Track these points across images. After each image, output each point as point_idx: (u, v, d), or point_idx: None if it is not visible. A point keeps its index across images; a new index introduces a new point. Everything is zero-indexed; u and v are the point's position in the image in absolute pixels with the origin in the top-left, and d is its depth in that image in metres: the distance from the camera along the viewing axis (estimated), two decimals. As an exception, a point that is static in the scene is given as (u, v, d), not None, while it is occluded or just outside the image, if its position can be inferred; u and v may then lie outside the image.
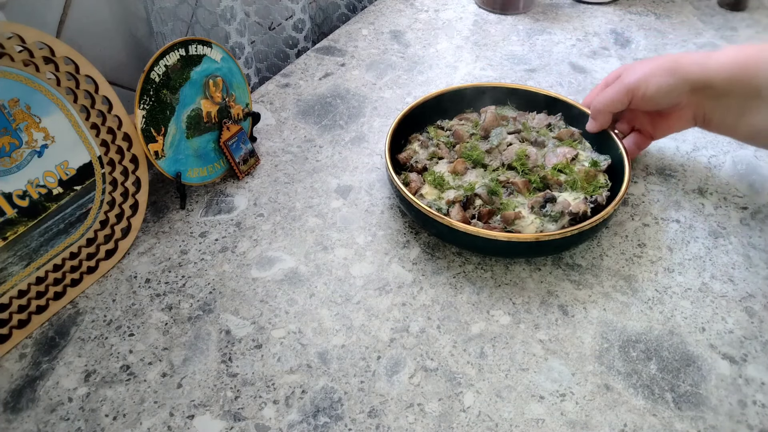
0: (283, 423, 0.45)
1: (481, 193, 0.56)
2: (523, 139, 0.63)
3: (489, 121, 0.64)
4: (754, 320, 0.51)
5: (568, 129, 0.64)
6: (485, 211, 0.55)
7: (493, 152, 0.61)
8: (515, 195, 0.58)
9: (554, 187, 0.58)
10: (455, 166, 0.60)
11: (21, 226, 0.51)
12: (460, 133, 0.64)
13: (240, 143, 0.66)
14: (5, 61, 0.48)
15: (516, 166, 0.60)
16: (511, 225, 0.55)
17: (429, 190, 0.59)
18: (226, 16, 0.73)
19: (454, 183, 0.59)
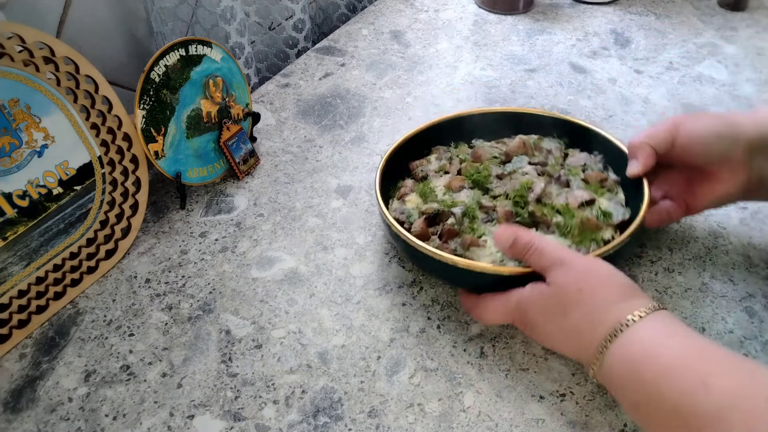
0: (283, 423, 0.45)
1: (455, 212, 0.52)
2: (544, 173, 0.56)
3: (514, 147, 0.59)
4: (754, 320, 0.51)
5: (600, 173, 0.57)
6: (447, 230, 0.51)
7: (504, 179, 0.56)
8: (494, 224, 0.52)
9: (541, 227, 0.52)
10: (451, 181, 0.57)
11: (21, 226, 0.51)
12: (480, 153, 0.60)
13: (240, 143, 0.66)
14: (5, 61, 0.48)
15: (513, 197, 0.54)
16: (465, 250, 0.50)
17: (412, 198, 0.56)
18: (226, 16, 0.73)
19: (441, 198, 0.55)
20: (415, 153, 0.62)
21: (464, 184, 0.57)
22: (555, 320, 0.43)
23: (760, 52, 0.85)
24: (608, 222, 0.52)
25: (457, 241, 0.51)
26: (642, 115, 0.74)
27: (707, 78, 0.80)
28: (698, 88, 0.78)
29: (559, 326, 0.43)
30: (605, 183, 0.56)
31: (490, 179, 0.57)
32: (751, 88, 0.78)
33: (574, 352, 0.44)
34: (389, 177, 0.58)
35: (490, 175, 0.57)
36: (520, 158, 0.58)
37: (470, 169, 0.58)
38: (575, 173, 0.57)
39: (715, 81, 0.80)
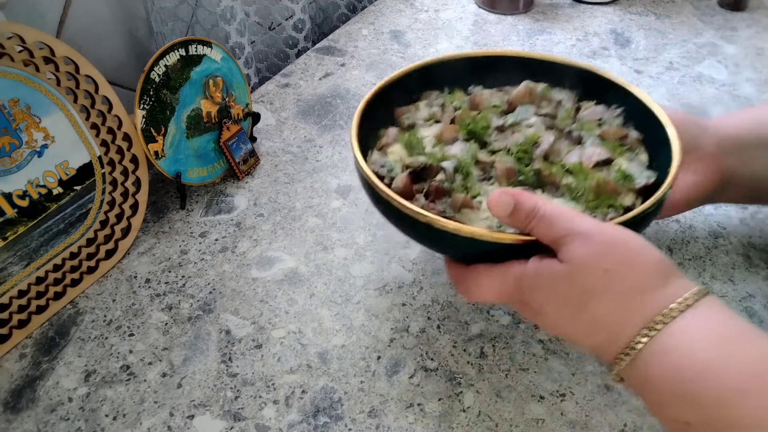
0: (283, 423, 0.45)
1: (446, 167, 0.44)
2: (552, 126, 0.49)
3: (518, 94, 0.50)
4: (754, 320, 0.51)
5: (620, 129, 0.49)
6: (435, 187, 0.43)
7: (505, 132, 0.48)
8: (491, 182, 0.45)
9: (548, 189, 0.44)
10: (443, 131, 0.48)
11: (21, 226, 0.51)
12: (479, 100, 0.51)
13: (240, 143, 0.66)
14: (5, 61, 0.48)
15: (516, 152, 0.46)
16: (456, 212, 0.43)
17: (396, 150, 0.48)
18: (226, 16, 0.73)
19: (430, 150, 0.47)
20: (403, 100, 0.53)
21: (458, 136, 0.48)
22: (572, 308, 0.36)
23: (760, 52, 0.85)
24: (629, 185, 0.44)
25: (447, 202, 0.43)
26: (642, 115, 0.74)
27: (707, 78, 0.80)
28: (698, 88, 0.78)
29: (576, 315, 0.36)
30: (626, 140, 0.48)
31: (488, 131, 0.48)
32: (751, 88, 0.78)
33: (594, 346, 0.36)
34: (372, 127, 0.50)
35: (489, 126, 0.49)
36: (526, 108, 0.50)
37: (466, 118, 0.49)
38: (590, 128, 0.48)
39: (715, 81, 0.80)
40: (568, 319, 0.36)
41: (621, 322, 0.34)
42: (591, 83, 0.52)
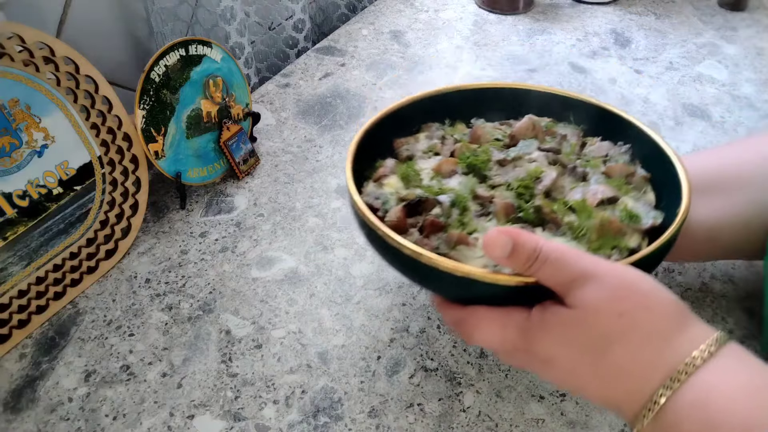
0: (283, 423, 0.45)
1: (442, 201, 0.43)
2: (556, 162, 0.46)
3: (521, 128, 0.49)
4: (754, 320, 0.51)
5: (627, 166, 0.46)
6: (430, 222, 0.41)
7: (507, 166, 0.46)
8: (489, 219, 0.43)
9: (548, 227, 0.42)
10: (441, 164, 0.47)
11: (21, 226, 0.51)
12: (479, 133, 0.50)
13: (240, 143, 0.66)
14: (5, 61, 0.48)
15: (516, 187, 0.44)
16: (451, 249, 0.40)
17: (392, 182, 0.46)
18: (226, 16, 0.73)
19: (427, 183, 0.46)
20: (403, 132, 0.52)
21: (457, 169, 0.47)
22: (588, 356, 0.33)
23: (760, 52, 0.85)
24: (635, 226, 0.42)
25: (442, 237, 0.41)
26: (642, 115, 0.74)
27: (707, 78, 0.80)
28: (698, 88, 0.78)
29: (593, 364, 0.33)
30: (632, 179, 0.46)
31: (489, 165, 0.46)
32: (751, 88, 0.78)
33: (610, 399, 0.34)
34: (370, 157, 0.49)
35: (490, 160, 0.47)
36: (529, 142, 0.48)
37: (466, 152, 0.48)
38: (595, 165, 0.47)
39: (715, 81, 0.80)
40: (584, 369, 0.34)
41: (641, 372, 0.32)
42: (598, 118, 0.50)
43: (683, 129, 0.72)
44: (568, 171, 0.46)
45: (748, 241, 0.46)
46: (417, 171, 0.47)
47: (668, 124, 0.73)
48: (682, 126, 0.73)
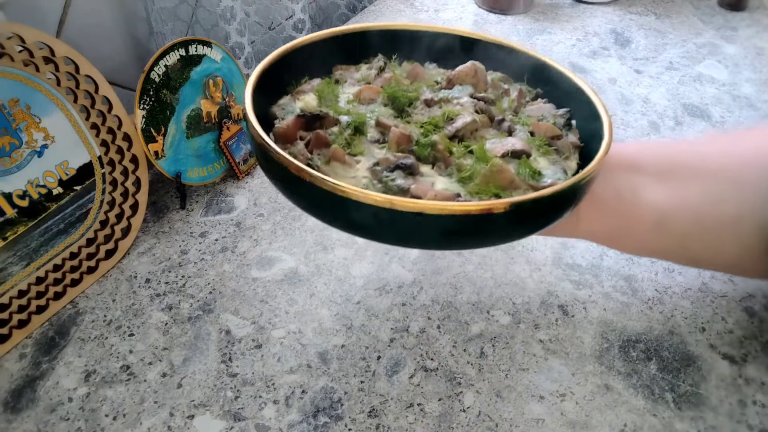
0: (283, 423, 0.45)
1: (341, 120, 0.41)
2: (484, 111, 0.44)
3: (462, 72, 0.46)
4: (754, 320, 0.51)
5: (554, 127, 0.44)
6: (316, 136, 0.40)
7: (433, 107, 0.44)
8: (382, 146, 0.41)
9: (438, 166, 0.40)
10: (362, 90, 0.45)
11: (21, 226, 0.51)
12: (419, 71, 0.48)
13: (240, 143, 0.66)
14: (5, 61, 0.48)
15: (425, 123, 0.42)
16: (324, 164, 0.39)
17: (308, 98, 0.45)
18: (226, 16, 0.73)
19: (345, 106, 0.44)
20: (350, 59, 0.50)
21: (377, 98, 0.44)
22: None
23: (760, 52, 0.85)
24: (532, 182, 0.39)
25: (322, 153, 0.39)
26: (642, 115, 0.74)
27: (707, 78, 0.80)
28: (698, 88, 0.78)
29: None
30: (556, 141, 0.43)
31: (414, 102, 0.44)
32: (751, 88, 0.78)
33: None
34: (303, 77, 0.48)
35: (418, 99, 0.44)
36: (464, 87, 0.46)
37: (395, 84, 0.46)
38: (525, 123, 0.44)
39: (715, 81, 0.80)
40: None
41: None
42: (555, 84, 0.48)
43: (683, 129, 0.72)
44: (495, 123, 0.44)
45: (702, 241, 0.44)
46: (335, 92, 0.45)
47: (668, 124, 0.73)
48: (682, 126, 0.73)
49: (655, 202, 0.44)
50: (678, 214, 0.44)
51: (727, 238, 0.44)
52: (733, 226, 0.43)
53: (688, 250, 0.46)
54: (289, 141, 0.40)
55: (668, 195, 0.44)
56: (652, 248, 0.48)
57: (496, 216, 0.34)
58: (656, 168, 0.45)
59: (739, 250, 0.44)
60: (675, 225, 0.44)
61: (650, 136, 0.71)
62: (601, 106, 0.44)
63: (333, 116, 0.41)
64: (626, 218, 0.44)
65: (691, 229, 0.44)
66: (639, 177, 0.44)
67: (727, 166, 0.44)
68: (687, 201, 0.44)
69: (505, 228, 0.37)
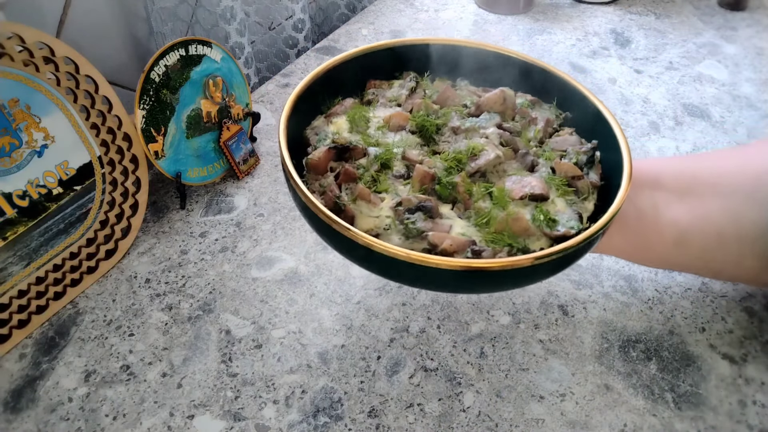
0: (283, 423, 0.45)
1: (370, 153, 0.42)
2: (509, 144, 0.44)
3: (490, 99, 0.46)
4: (754, 320, 0.51)
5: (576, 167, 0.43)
6: (345, 170, 0.41)
7: (459, 134, 0.45)
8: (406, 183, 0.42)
9: (458, 207, 0.41)
10: (392, 116, 0.45)
11: (21, 226, 0.51)
12: (449, 94, 0.48)
13: (240, 143, 0.66)
14: (5, 61, 0.48)
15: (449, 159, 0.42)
16: (351, 202, 0.40)
17: (340, 122, 0.46)
18: (226, 16, 0.73)
19: (372, 132, 0.44)
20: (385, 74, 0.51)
21: (406, 125, 0.45)
22: None
23: (760, 52, 0.85)
24: (546, 230, 0.40)
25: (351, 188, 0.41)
26: (642, 115, 0.74)
27: (707, 78, 0.80)
28: (698, 88, 0.78)
29: None
30: (577, 182, 0.43)
31: (441, 129, 0.45)
32: (751, 88, 0.78)
33: None
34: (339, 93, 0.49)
35: (446, 125, 0.45)
36: (491, 116, 0.46)
37: (424, 110, 0.46)
38: (549, 157, 0.44)
39: (715, 81, 0.80)
40: None
41: None
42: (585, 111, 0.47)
43: (683, 129, 0.72)
44: (518, 156, 0.44)
45: (723, 255, 0.45)
46: (366, 117, 0.46)
47: (668, 124, 0.73)
48: (682, 126, 0.73)
49: (675, 220, 0.45)
50: (698, 231, 0.45)
51: (746, 253, 0.45)
52: (751, 241, 0.44)
53: (709, 264, 0.47)
54: (320, 172, 0.42)
55: (688, 212, 0.45)
56: (674, 263, 0.49)
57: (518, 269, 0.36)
58: (677, 185, 0.46)
59: (759, 263, 0.45)
60: (695, 241, 0.45)
61: (650, 136, 0.71)
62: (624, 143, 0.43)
63: (362, 147, 0.43)
64: (647, 236, 0.45)
65: (711, 245, 0.45)
66: (660, 194, 0.45)
67: (744, 183, 0.45)
68: (707, 218, 0.45)
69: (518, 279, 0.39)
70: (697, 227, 0.45)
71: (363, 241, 0.36)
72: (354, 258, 0.40)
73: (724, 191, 0.45)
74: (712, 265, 0.47)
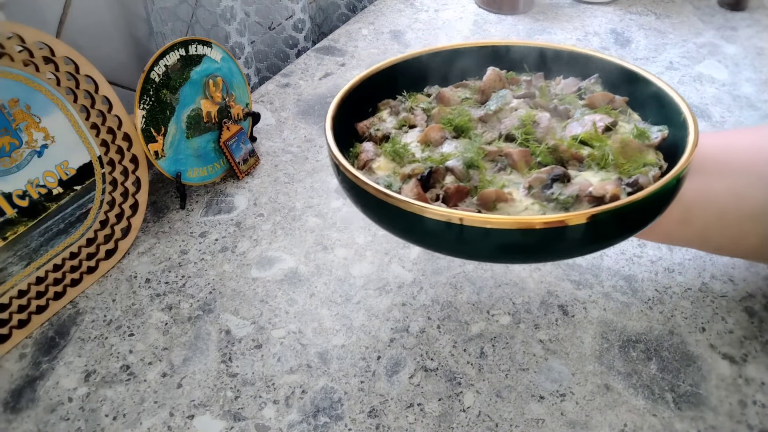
0: (283, 423, 0.45)
1: (454, 167, 0.40)
2: (536, 105, 0.45)
3: (489, 80, 0.47)
4: (754, 320, 0.51)
5: (606, 93, 0.46)
6: (453, 189, 0.38)
7: (490, 120, 0.45)
8: (508, 172, 0.41)
9: (571, 164, 0.41)
10: (427, 133, 0.44)
11: (21, 226, 0.51)
12: (447, 96, 0.48)
13: (240, 143, 0.66)
14: (5, 61, 0.48)
15: (516, 135, 0.42)
16: (490, 209, 0.38)
17: (383, 164, 0.43)
18: (226, 16, 0.73)
19: (422, 156, 0.43)
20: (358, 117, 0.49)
21: (446, 134, 0.44)
22: None
23: (760, 52, 0.85)
24: (647, 142, 0.42)
25: (473, 202, 0.38)
26: (642, 115, 0.74)
27: (707, 78, 0.80)
28: (698, 88, 0.78)
29: None
30: (614, 104, 0.45)
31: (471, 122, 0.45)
32: (751, 88, 0.78)
33: None
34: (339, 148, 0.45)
35: (472, 118, 0.45)
36: (503, 93, 0.46)
37: (446, 115, 0.45)
38: (572, 101, 0.46)
39: (715, 81, 0.80)
40: None
41: None
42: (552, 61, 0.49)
43: (683, 129, 0.72)
44: (551, 112, 0.44)
45: (723, 234, 0.46)
46: (405, 146, 0.44)
47: (668, 124, 0.73)
48: (682, 126, 0.73)
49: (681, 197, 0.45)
50: (701, 209, 0.45)
51: (748, 231, 0.45)
52: (754, 219, 0.45)
53: (709, 241, 0.48)
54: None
55: (693, 190, 0.45)
56: (676, 239, 0.49)
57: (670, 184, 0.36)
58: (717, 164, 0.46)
59: (760, 240, 0.46)
60: (697, 219, 0.46)
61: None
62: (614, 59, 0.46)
63: (442, 167, 0.40)
64: None
65: (713, 223, 0.46)
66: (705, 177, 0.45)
67: (756, 161, 0.46)
68: (711, 196, 0.45)
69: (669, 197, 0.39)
70: (700, 206, 0.45)
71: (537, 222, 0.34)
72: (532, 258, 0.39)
73: (733, 169, 0.46)
74: (712, 242, 0.48)
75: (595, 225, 0.34)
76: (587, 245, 0.38)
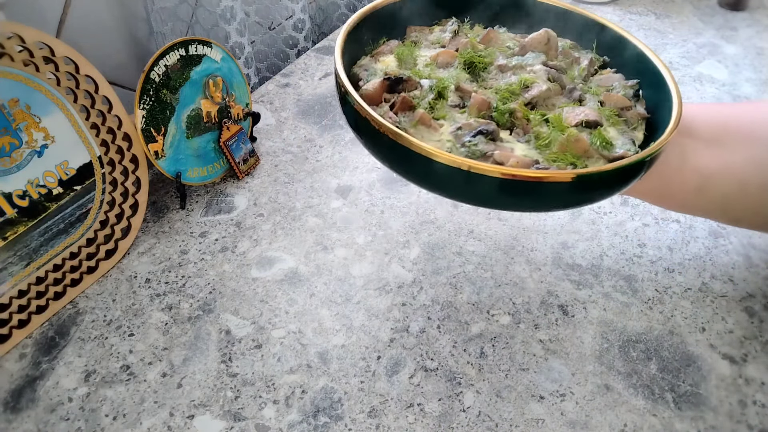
0: (283, 423, 0.45)
1: (423, 84, 0.43)
2: (556, 80, 0.46)
3: (535, 39, 0.48)
4: (754, 320, 0.51)
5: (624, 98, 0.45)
6: (401, 99, 0.42)
7: (506, 72, 0.46)
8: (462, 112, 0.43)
9: (516, 132, 0.42)
10: (439, 54, 0.47)
11: (21, 226, 0.51)
12: (492, 36, 0.50)
13: (240, 143, 0.66)
14: (5, 61, 0.48)
15: (502, 89, 0.44)
16: (412, 126, 0.41)
17: (388, 60, 0.47)
18: (226, 16, 0.73)
19: (421, 69, 0.46)
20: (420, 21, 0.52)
21: (454, 62, 0.47)
22: None
23: (760, 52, 0.85)
24: (603, 152, 0.41)
25: (409, 116, 0.42)
26: (642, 115, 0.74)
27: (707, 78, 0.80)
28: (698, 88, 0.78)
29: None
30: (626, 112, 0.45)
31: (488, 68, 0.46)
32: (751, 88, 0.78)
33: None
34: (375, 38, 0.50)
35: (492, 63, 0.47)
36: (536, 55, 0.48)
37: (469, 49, 0.47)
38: (596, 92, 0.46)
39: (715, 81, 0.80)
40: None
41: None
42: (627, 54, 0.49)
43: (683, 129, 0.72)
44: (565, 91, 0.45)
45: (744, 204, 0.46)
46: (414, 54, 0.47)
47: (668, 124, 0.73)
48: (682, 126, 0.73)
49: (699, 167, 0.45)
50: (720, 179, 0.45)
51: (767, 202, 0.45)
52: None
53: (728, 211, 0.48)
54: (374, 103, 0.43)
55: (713, 160, 0.45)
56: (694, 208, 0.49)
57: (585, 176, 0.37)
58: (708, 133, 0.46)
59: None
60: (716, 189, 0.46)
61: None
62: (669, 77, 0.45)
63: (415, 80, 0.43)
64: (669, 181, 0.46)
65: (733, 193, 0.46)
66: (689, 141, 0.45)
67: None
68: (731, 167, 0.45)
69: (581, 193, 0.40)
70: (720, 176, 0.45)
71: (424, 151, 0.36)
72: (412, 173, 0.40)
73: (755, 140, 0.45)
74: (731, 213, 0.48)
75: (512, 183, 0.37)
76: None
